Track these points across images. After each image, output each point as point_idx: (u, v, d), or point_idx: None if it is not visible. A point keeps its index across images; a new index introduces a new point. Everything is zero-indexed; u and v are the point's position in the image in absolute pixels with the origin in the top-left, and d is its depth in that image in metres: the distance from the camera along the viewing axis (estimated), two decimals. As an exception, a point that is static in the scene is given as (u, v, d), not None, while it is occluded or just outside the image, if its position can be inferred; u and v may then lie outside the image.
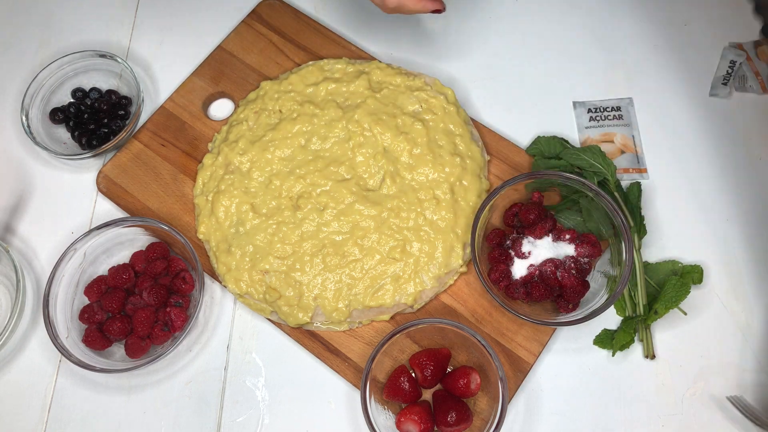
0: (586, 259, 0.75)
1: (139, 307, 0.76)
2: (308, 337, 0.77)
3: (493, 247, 0.77)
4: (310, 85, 0.85)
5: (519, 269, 0.75)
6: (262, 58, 0.91)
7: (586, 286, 0.74)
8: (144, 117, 0.88)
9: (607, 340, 0.75)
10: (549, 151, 0.82)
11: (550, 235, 0.76)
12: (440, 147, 0.81)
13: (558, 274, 0.74)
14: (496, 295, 0.73)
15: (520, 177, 0.76)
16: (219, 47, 0.91)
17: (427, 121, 0.82)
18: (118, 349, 0.77)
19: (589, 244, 0.75)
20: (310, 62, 0.89)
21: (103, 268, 0.80)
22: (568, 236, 0.75)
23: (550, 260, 0.74)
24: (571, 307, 0.74)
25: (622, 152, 0.85)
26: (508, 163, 0.84)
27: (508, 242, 0.77)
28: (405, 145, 0.81)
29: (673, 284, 0.74)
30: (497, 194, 0.75)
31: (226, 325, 0.79)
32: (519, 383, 0.74)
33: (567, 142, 0.83)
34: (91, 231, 0.78)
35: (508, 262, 0.76)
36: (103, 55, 0.88)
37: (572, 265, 0.74)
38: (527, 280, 0.75)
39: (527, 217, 0.76)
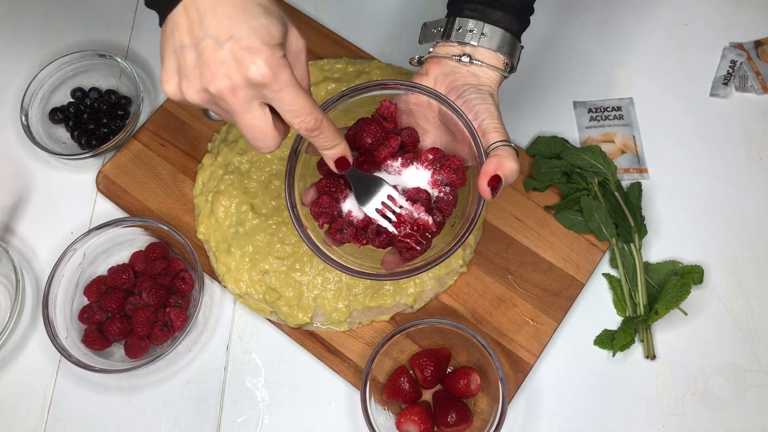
0: (446, 190, 0.61)
1: (138, 308, 0.76)
2: (308, 338, 0.77)
3: (325, 175, 0.62)
4: (310, 85, 0.85)
5: (352, 205, 0.62)
6: (262, 58, 0.90)
7: (439, 225, 0.60)
8: (144, 117, 0.88)
9: (608, 341, 0.75)
10: (549, 151, 0.82)
11: (399, 159, 0.61)
12: (440, 147, 0.81)
13: (402, 208, 0.59)
14: (309, 236, 0.59)
15: (351, 89, 0.61)
16: (219, 47, 0.91)
17: (427, 121, 0.82)
18: (118, 350, 0.77)
19: (450, 170, 0.61)
20: (310, 62, 0.88)
21: (102, 268, 0.80)
22: (424, 161, 0.61)
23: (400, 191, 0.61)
24: (417, 249, 0.59)
25: (623, 152, 0.85)
26: (508, 163, 0.84)
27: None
28: (405, 145, 0.81)
29: (673, 284, 0.74)
30: (327, 109, 0.60)
31: (225, 326, 0.79)
32: (519, 383, 0.74)
33: (567, 142, 0.83)
34: (90, 231, 0.78)
35: (339, 195, 0.62)
36: (102, 55, 0.88)
37: (423, 196, 0.60)
38: (366, 221, 0.61)
39: (363, 141, 0.61)
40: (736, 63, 0.88)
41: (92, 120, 0.87)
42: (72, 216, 0.84)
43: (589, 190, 0.80)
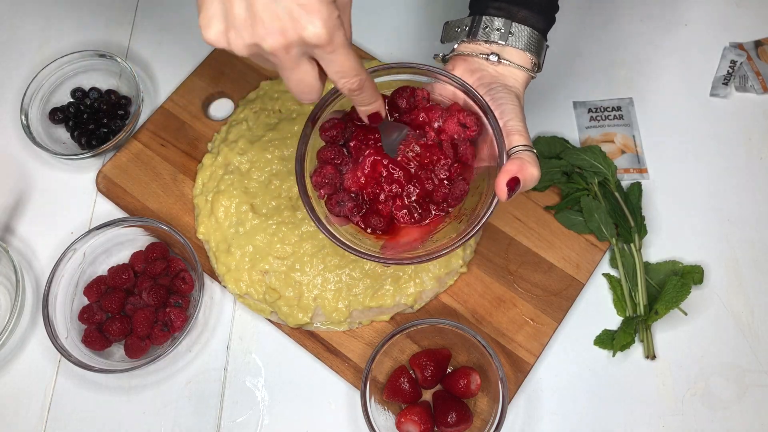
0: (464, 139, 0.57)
1: (138, 308, 0.76)
2: (308, 338, 0.77)
3: (328, 143, 0.60)
4: (310, 85, 0.85)
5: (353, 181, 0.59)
6: (262, 58, 0.91)
7: (462, 189, 0.58)
8: (144, 117, 0.88)
9: (608, 341, 0.75)
10: (549, 151, 0.82)
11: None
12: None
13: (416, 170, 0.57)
14: (312, 206, 0.57)
15: (382, 66, 0.60)
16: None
17: (427, 121, 0.82)
18: (118, 350, 0.77)
19: (472, 117, 0.58)
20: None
21: (102, 269, 0.80)
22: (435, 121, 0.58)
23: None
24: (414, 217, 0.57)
25: (623, 152, 0.85)
26: (508, 163, 0.84)
27: (346, 136, 0.60)
28: (405, 145, 0.80)
29: (673, 284, 0.74)
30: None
31: (225, 326, 0.79)
32: (519, 383, 0.74)
33: (567, 142, 0.83)
34: (90, 231, 0.78)
35: (343, 166, 0.59)
36: (102, 55, 0.88)
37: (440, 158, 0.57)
38: (369, 195, 0.59)
39: (398, 104, 0.59)
40: (736, 63, 0.88)
41: (92, 120, 0.87)
42: (72, 216, 0.84)
43: (589, 190, 0.80)
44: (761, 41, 0.90)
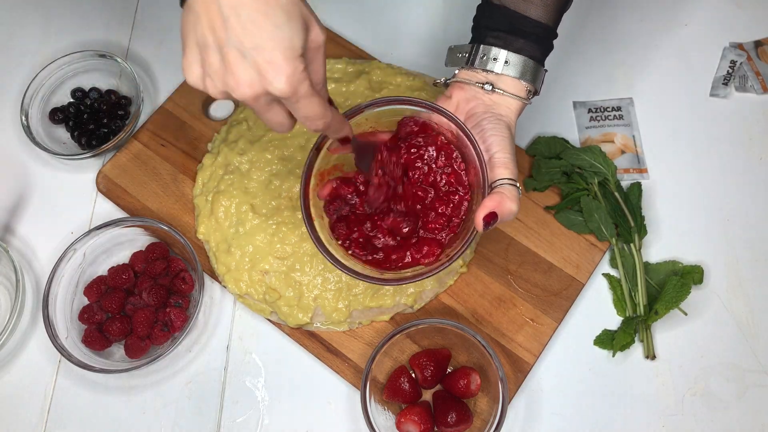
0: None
1: (138, 308, 0.76)
2: (308, 338, 0.77)
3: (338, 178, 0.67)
4: (310, 85, 0.85)
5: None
6: (262, 58, 0.90)
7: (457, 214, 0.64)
8: (144, 117, 0.88)
9: (608, 341, 0.75)
10: (549, 151, 0.82)
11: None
12: (440, 147, 0.81)
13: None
14: (319, 235, 0.62)
15: (381, 100, 0.64)
16: (219, 47, 0.91)
17: (427, 121, 0.82)
18: (118, 350, 0.77)
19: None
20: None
21: (102, 269, 0.80)
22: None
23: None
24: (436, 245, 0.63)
25: (623, 152, 0.85)
26: (508, 163, 0.84)
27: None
28: (405, 145, 0.81)
29: (673, 284, 0.74)
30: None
31: (225, 326, 0.79)
32: (519, 383, 0.74)
33: (567, 142, 0.83)
34: (90, 231, 0.78)
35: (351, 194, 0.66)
36: (103, 55, 0.88)
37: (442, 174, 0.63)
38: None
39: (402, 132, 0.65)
40: (736, 63, 0.88)
41: (92, 120, 0.87)
42: (72, 216, 0.84)
43: (589, 190, 0.80)
44: (761, 41, 0.90)
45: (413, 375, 0.73)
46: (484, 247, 0.80)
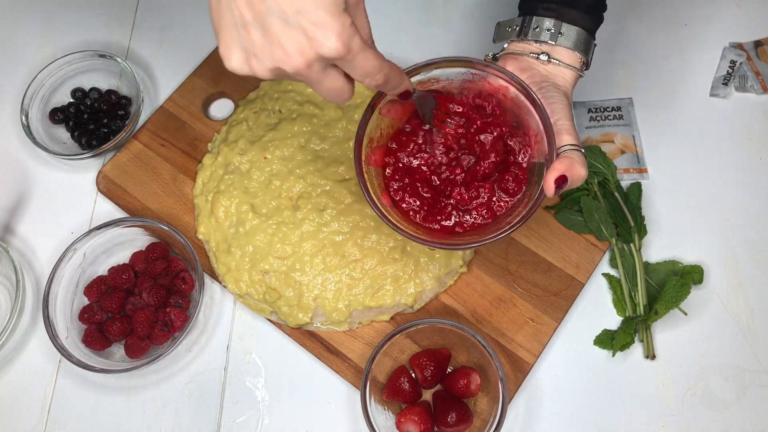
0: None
1: (138, 308, 0.76)
2: (308, 338, 0.77)
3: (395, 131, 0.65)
4: (310, 85, 0.85)
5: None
6: (262, 58, 0.91)
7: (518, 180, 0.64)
8: (144, 117, 0.88)
9: (608, 341, 0.75)
10: (549, 151, 0.82)
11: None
12: (440, 147, 0.81)
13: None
14: (379, 203, 0.61)
15: (440, 59, 0.63)
16: (219, 47, 0.91)
17: (427, 121, 0.82)
18: (118, 350, 0.77)
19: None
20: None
21: (102, 269, 0.80)
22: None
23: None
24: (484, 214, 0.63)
25: (623, 152, 0.85)
26: (508, 163, 0.84)
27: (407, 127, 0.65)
28: (405, 145, 0.81)
29: (673, 284, 0.74)
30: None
31: (225, 326, 0.79)
32: (519, 383, 0.74)
33: (567, 142, 0.83)
34: (90, 231, 0.78)
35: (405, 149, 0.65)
36: (103, 55, 0.88)
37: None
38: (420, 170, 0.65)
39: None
40: (735, 63, 0.88)
41: (92, 120, 0.87)
42: (72, 216, 0.84)
43: (589, 190, 0.80)
44: (761, 41, 0.90)
45: (413, 375, 0.73)
46: (484, 247, 0.80)
